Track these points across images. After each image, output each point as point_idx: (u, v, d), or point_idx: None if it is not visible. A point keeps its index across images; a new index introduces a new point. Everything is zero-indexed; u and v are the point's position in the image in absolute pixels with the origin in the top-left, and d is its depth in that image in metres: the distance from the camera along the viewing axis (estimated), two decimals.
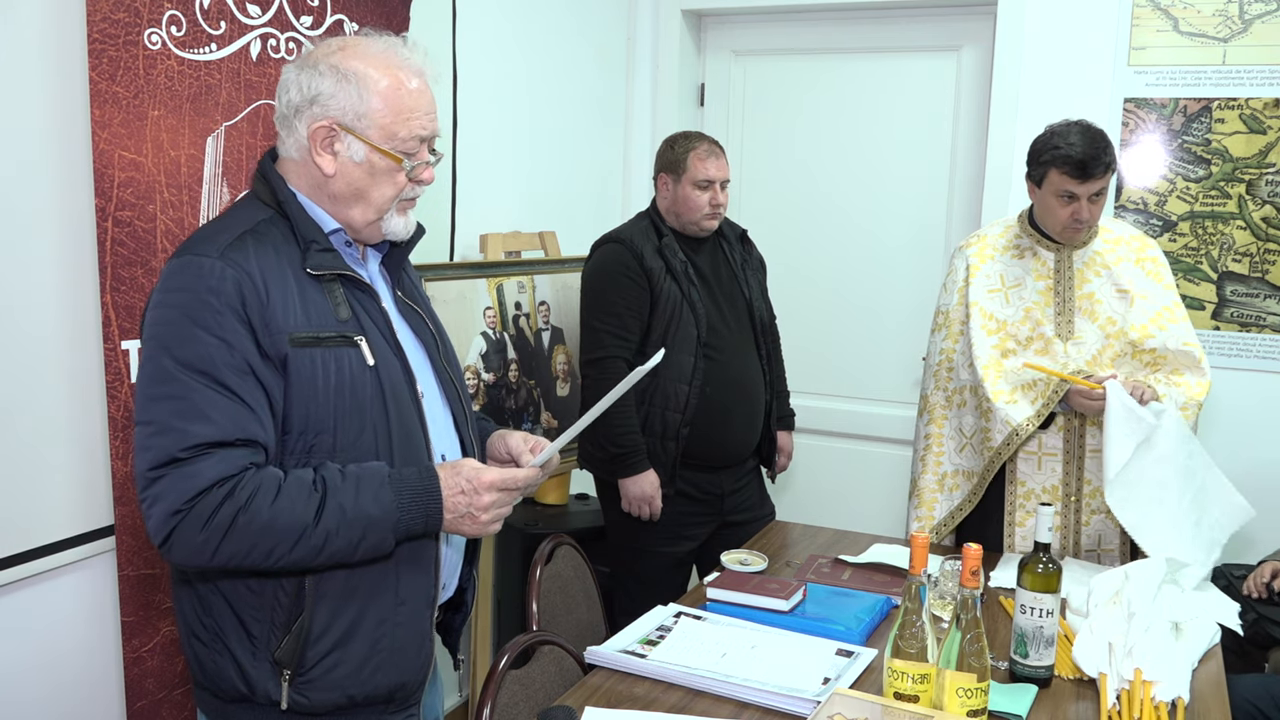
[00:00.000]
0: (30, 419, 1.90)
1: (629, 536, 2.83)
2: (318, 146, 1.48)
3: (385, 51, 1.49)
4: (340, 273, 1.50)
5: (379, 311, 1.54)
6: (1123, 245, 2.48)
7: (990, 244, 2.55)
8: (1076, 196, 2.34)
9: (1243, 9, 3.14)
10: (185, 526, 1.35)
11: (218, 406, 1.36)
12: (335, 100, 1.46)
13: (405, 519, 1.43)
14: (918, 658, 1.63)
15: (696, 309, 2.75)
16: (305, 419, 1.44)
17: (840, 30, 3.77)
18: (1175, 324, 2.43)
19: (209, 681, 1.51)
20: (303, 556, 1.39)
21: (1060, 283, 2.45)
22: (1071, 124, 2.36)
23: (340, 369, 1.45)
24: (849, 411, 3.86)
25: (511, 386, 3.08)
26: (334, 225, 1.52)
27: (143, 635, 2.03)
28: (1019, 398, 2.40)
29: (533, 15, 3.38)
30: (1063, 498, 2.44)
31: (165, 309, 1.40)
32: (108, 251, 1.91)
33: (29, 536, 1.91)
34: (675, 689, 1.80)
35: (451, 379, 1.66)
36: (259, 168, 1.56)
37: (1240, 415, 3.22)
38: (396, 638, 1.53)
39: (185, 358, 1.37)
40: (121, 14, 1.89)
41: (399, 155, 1.49)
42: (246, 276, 1.40)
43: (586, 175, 3.76)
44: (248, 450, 1.38)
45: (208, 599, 1.49)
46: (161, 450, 1.35)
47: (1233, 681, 2.12)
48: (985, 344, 2.46)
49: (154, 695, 2.06)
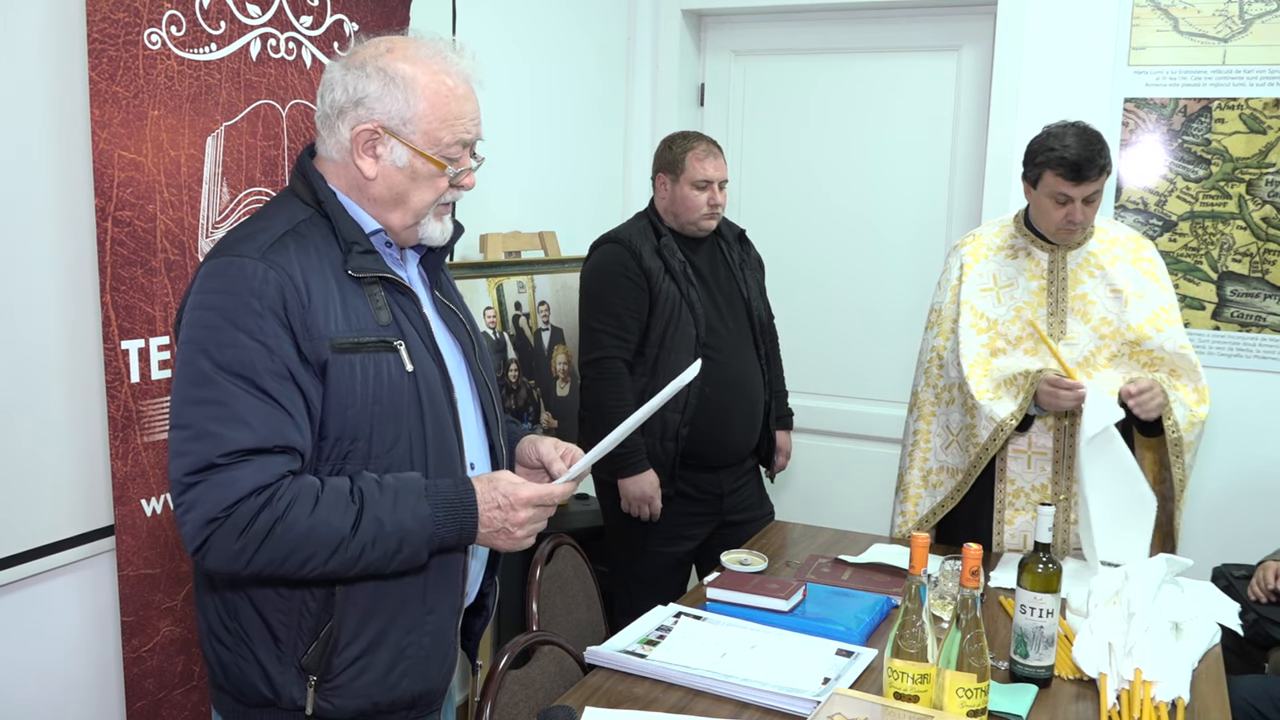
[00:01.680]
0: (30, 419, 1.90)
1: (629, 536, 2.83)
2: (360, 149, 1.45)
3: (434, 56, 1.47)
4: (381, 275, 1.47)
5: (419, 315, 1.52)
6: (1119, 246, 2.48)
7: (985, 243, 2.55)
8: (1071, 198, 2.32)
9: (1243, 9, 3.14)
10: (221, 534, 1.33)
11: (256, 412, 1.34)
12: (381, 103, 1.43)
13: (440, 533, 1.42)
14: (918, 658, 1.63)
15: (695, 309, 2.75)
16: (342, 425, 1.42)
17: (840, 30, 3.77)
18: (1172, 325, 2.42)
19: (231, 685, 1.50)
20: (338, 567, 1.38)
21: (1054, 283, 2.45)
22: (1068, 125, 2.34)
23: (379, 374, 1.43)
24: (848, 411, 3.86)
25: (511, 386, 3.08)
26: (375, 226, 1.50)
27: (143, 635, 2.03)
28: (1003, 394, 2.40)
29: (533, 15, 3.38)
30: (1052, 496, 2.44)
31: (205, 311, 1.37)
32: (108, 251, 1.91)
33: (29, 536, 1.91)
34: (675, 689, 1.80)
35: (485, 381, 1.64)
36: (298, 165, 1.53)
37: (1240, 415, 3.21)
38: (423, 646, 1.52)
39: (225, 361, 1.34)
40: (121, 14, 1.89)
41: (442, 161, 1.47)
42: (288, 279, 1.37)
43: (586, 175, 3.76)
44: (285, 457, 1.36)
45: (234, 603, 1.47)
46: (199, 456, 1.33)
47: (1233, 681, 2.12)
48: (974, 343, 2.46)
49: (154, 695, 2.06)
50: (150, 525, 2.01)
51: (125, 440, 1.96)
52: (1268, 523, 3.15)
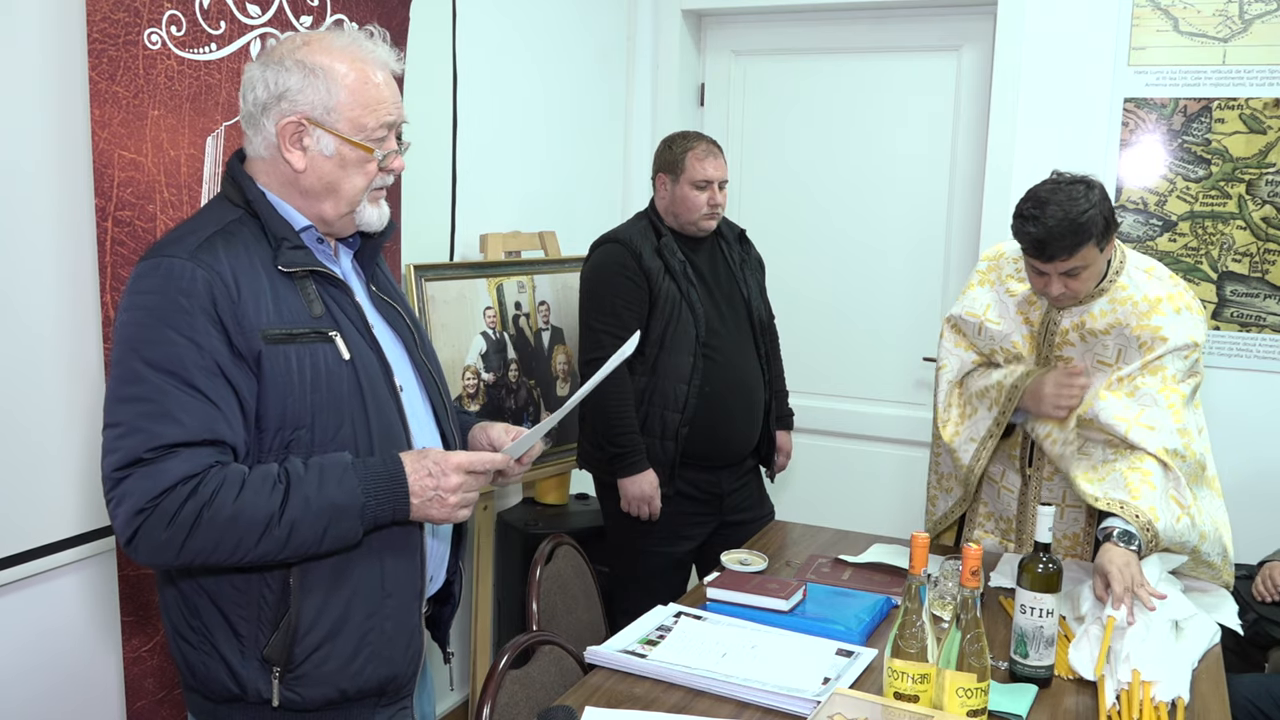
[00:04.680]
0: (31, 419, 1.90)
1: (629, 536, 2.83)
2: (286, 142, 1.48)
3: (350, 45, 1.50)
4: (312, 269, 1.50)
5: (353, 306, 1.54)
6: (1130, 308, 2.17)
7: (999, 266, 2.37)
8: (1044, 271, 2.12)
9: (1243, 9, 3.14)
10: (149, 525, 1.35)
11: (186, 408, 1.36)
12: (303, 95, 1.46)
13: (371, 504, 1.43)
14: (918, 658, 1.63)
15: (695, 309, 2.75)
16: (282, 415, 1.44)
17: (840, 30, 3.77)
18: (1148, 428, 2.10)
19: (199, 684, 1.51)
20: (269, 549, 1.39)
21: (1043, 336, 2.28)
22: (1057, 189, 2.06)
23: (315, 364, 1.45)
24: (848, 411, 3.86)
25: (511, 386, 3.08)
26: (305, 222, 1.52)
27: (143, 635, 2.03)
28: (978, 406, 2.34)
29: (533, 15, 3.38)
30: (1016, 531, 2.41)
31: (135, 311, 1.40)
32: (108, 251, 1.91)
33: (29, 536, 1.91)
34: (675, 689, 1.80)
35: (430, 372, 1.66)
36: (227, 169, 1.55)
37: (1240, 415, 3.21)
38: (385, 630, 1.53)
39: (154, 359, 1.37)
40: (121, 14, 1.89)
41: (369, 145, 1.50)
42: (217, 276, 1.40)
43: (586, 175, 3.76)
44: (214, 449, 1.39)
45: (193, 600, 1.49)
46: (128, 451, 1.36)
47: (1233, 681, 2.12)
48: (951, 369, 2.41)
49: (154, 695, 2.06)
50: None
51: None
52: (1268, 523, 3.15)
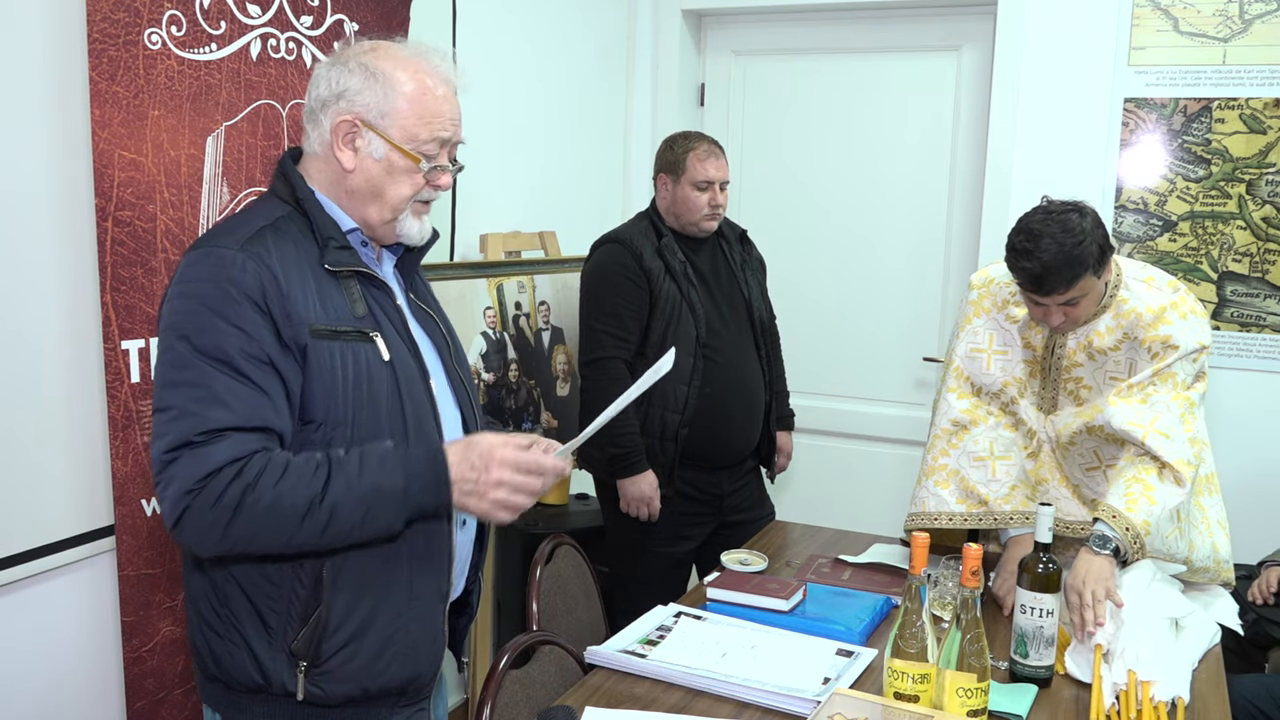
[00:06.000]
0: (30, 419, 1.90)
1: (629, 536, 2.83)
2: (339, 141, 1.50)
3: (416, 57, 1.52)
4: (357, 269, 1.52)
5: (394, 309, 1.56)
6: (1135, 320, 2.11)
7: (993, 293, 2.27)
8: (1042, 303, 2.05)
9: (1243, 9, 3.14)
10: (196, 507, 1.35)
11: (235, 394, 1.38)
12: (361, 96, 1.48)
13: (413, 489, 1.42)
14: (918, 658, 1.63)
15: (696, 309, 2.75)
16: (327, 409, 1.45)
17: (840, 30, 3.77)
18: (1163, 435, 2.04)
19: (221, 672, 1.51)
20: (311, 533, 1.39)
21: (1049, 360, 2.21)
22: (1049, 219, 1.97)
23: (357, 363, 1.47)
24: (849, 411, 3.86)
25: (511, 386, 3.08)
26: (351, 224, 1.54)
27: (143, 635, 2.03)
28: (966, 466, 2.25)
29: (533, 15, 3.38)
30: None
31: (184, 299, 1.41)
32: (108, 251, 1.91)
33: (29, 536, 1.91)
34: (675, 689, 1.80)
35: (462, 381, 1.67)
36: (279, 165, 1.57)
37: (1240, 415, 3.21)
38: (410, 632, 1.54)
39: (203, 345, 1.38)
40: (121, 14, 1.89)
41: (418, 156, 1.51)
42: (266, 268, 1.41)
43: (586, 175, 3.76)
44: (261, 435, 1.39)
45: (224, 589, 1.49)
46: (178, 435, 1.36)
47: (1233, 681, 2.12)
48: (946, 412, 2.30)
49: (154, 695, 2.06)
50: (151, 525, 2.01)
51: (125, 440, 1.96)
52: (1268, 523, 3.15)
